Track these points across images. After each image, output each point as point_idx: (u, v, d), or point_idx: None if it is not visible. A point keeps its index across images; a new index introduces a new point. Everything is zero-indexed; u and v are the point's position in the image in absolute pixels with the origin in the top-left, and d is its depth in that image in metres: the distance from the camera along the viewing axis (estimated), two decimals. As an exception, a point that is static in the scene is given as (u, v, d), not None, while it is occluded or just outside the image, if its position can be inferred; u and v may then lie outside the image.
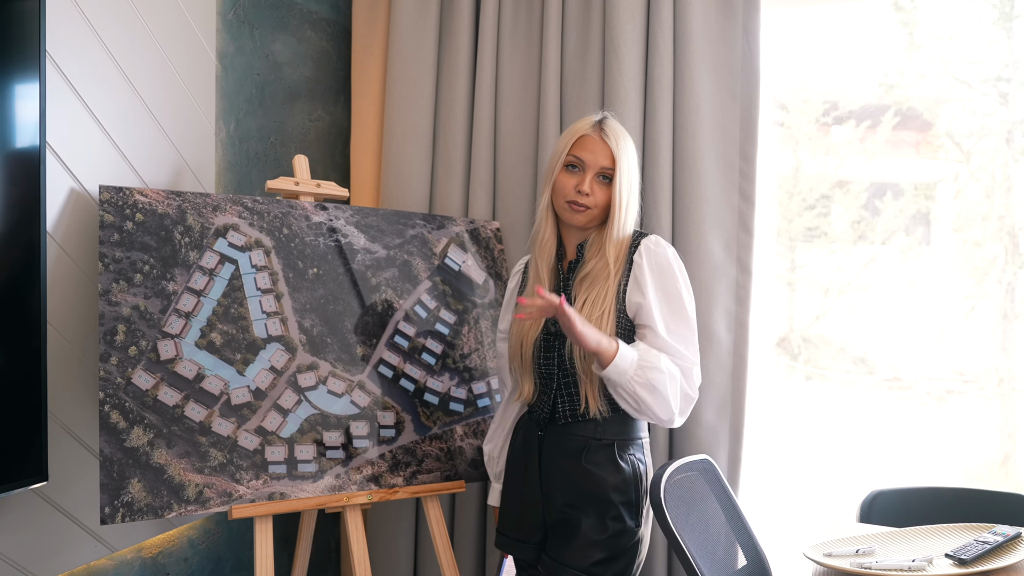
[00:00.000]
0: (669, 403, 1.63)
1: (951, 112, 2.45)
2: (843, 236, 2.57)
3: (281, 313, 1.87)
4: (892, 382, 2.55)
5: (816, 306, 2.60)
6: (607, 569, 1.67)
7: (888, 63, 2.48)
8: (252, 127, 2.25)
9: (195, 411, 1.72)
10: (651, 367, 1.61)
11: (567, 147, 1.73)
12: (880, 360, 2.55)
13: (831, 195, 2.57)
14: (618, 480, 1.69)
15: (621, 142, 1.71)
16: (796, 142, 2.58)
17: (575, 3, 2.24)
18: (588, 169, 1.70)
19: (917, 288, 2.48)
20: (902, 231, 2.50)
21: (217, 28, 2.12)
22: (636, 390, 1.61)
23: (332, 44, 2.54)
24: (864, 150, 2.53)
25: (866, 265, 2.53)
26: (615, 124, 1.74)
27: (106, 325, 1.67)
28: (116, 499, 1.61)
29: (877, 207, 2.52)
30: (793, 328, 2.62)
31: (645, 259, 1.70)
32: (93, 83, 1.77)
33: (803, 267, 2.61)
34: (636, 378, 1.61)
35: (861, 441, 2.53)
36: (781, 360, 2.59)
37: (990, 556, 1.57)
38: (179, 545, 2.08)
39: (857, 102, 2.52)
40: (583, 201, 1.69)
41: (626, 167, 1.70)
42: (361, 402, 1.92)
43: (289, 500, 1.76)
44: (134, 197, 1.76)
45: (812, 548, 1.61)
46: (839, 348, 2.61)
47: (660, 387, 1.61)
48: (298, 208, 1.96)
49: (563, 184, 1.72)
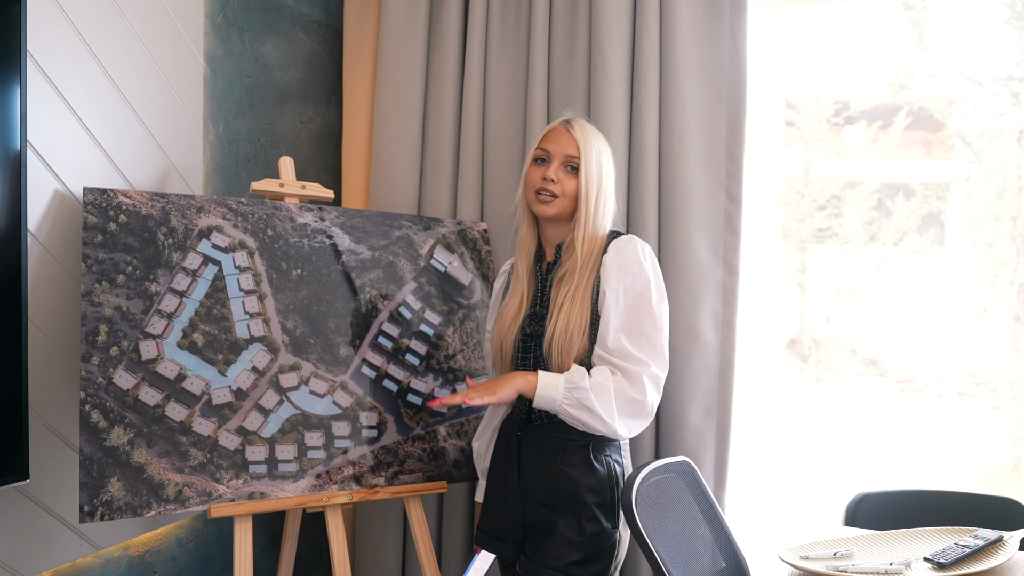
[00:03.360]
0: (602, 417, 1.64)
1: (962, 112, 2.43)
2: (854, 237, 2.55)
3: (264, 314, 1.88)
4: (903, 384, 2.53)
5: (827, 307, 2.58)
6: (584, 570, 1.68)
7: (898, 63, 2.46)
8: (242, 129, 2.27)
9: (176, 411, 1.74)
10: (575, 387, 1.64)
11: (537, 143, 1.79)
12: (891, 362, 2.53)
13: (842, 196, 2.56)
14: (592, 481, 1.70)
15: (587, 134, 1.75)
16: (807, 143, 2.57)
17: (562, 5, 2.24)
18: (554, 158, 1.74)
19: (929, 289, 2.46)
20: (914, 232, 2.47)
21: (205, 31, 2.14)
22: (570, 411, 1.65)
23: (324, 46, 2.55)
24: (875, 151, 2.51)
25: (877, 266, 2.51)
26: (584, 123, 1.78)
27: (88, 325, 1.68)
28: (95, 497, 1.62)
29: (889, 208, 2.50)
30: (803, 330, 2.61)
31: (612, 256, 1.71)
32: (78, 86, 1.79)
33: (813, 268, 2.59)
34: (566, 400, 1.64)
35: (870, 444, 2.51)
36: (791, 362, 2.57)
37: (969, 560, 1.55)
38: (166, 544, 2.10)
39: (868, 102, 2.50)
40: (549, 187, 1.72)
41: (593, 157, 1.73)
42: (343, 403, 1.93)
43: (269, 500, 1.77)
44: (118, 199, 1.77)
45: (788, 551, 1.60)
46: (850, 350, 2.59)
47: (588, 404, 1.63)
48: (283, 209, 1.97)
49: (531, 176, 1.76)
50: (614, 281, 1.69)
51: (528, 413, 1.76)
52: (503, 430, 1.84)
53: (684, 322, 2.07)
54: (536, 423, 1.75)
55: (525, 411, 1.76)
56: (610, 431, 1.66)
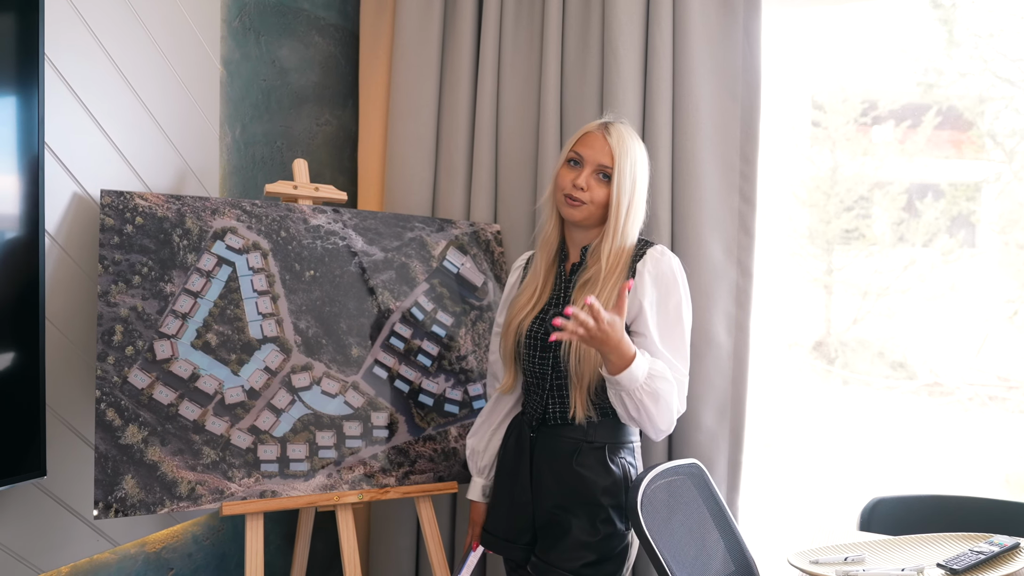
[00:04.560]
0: (672, 413, 1.63)
1: (993, 111, 2.39)
2: (882, 238, 2.51)
3: (277, 314, 1.90)
4: (932, 388, 2.49)
5: (854, 310, 2.55)
6: (597, 571, 1.68)
7: (927, 62, 2.42)
8: (258, 132, 2.30)
9: (189, 410, 1.76)
10: (660, 376, 1.60)
11: (572, 143, 1.76)
12: (920, 365, 2.50)
13: (869, 196, 2.52)
14: (608, 483, 1.69)
15: (624, 143, 1.71)
16: (833, 143, 2.54)
17: (575, 8, 2.24)
18: (587, 164, 1.72)
19: (958, 291, 2.42)
20: (944, 233, 2.43)
21: (222, 35, 2.17)
22: (643, 398, 1.58)
23: (340, 49, 2.58)
24: (903, 151, 2.48)
25: (906, 268, 2.48)
26: (623, 128, 1.74)
27: (104, 325, 1.71)
28: (110, 494, 1.65)
29: (918, 208, 2.46)
30: (830, 332, 2.58)
31: (648, 267, 1.70)
32: (96, 90, 1.82)
33: (840, 270, 2.56)
34: (645, 387, 1.58)
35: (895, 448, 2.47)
36: (817, 365, 2.55)
37: (984, 567, 1.52)
38: (183, 541, 2.13)
39: (896, 101, 2.47)
40: (578, 195, 1.71)
41: (627, 168, 1.70)
42: (355, 403, 1.94)
43: (280, 498, 1.79)
44: (134, 201, 1.80)
45: (798, 555, 1.59)
46: (877, 352, 2.56)
47: (666, 397, 1.60)
48: (296, 211, 1.99)
49: (563, 178, 1.74)
50: (653, 291, 1.69)
51: (543, 414, 1.75)
52: (513, 430, 1.84)
53: (697, 324, 2.05)
54: (550, 424, 1.74)
55: (540, 411, 1.76)
56: (666, 427, 1.64)
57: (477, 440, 1.92)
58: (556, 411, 1.73)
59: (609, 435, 1.71)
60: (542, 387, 1.75)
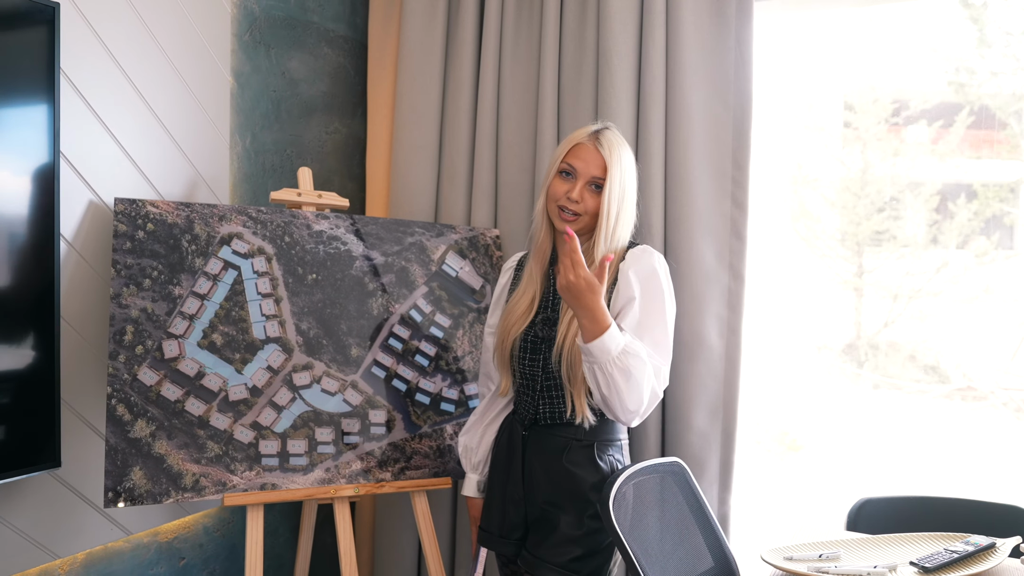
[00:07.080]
0: (642, 393, 1.62)
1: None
2: (913, 240, 2.49)
3: (280, 316, 1.99)
4: (965, 392, 2.48)
5: (884, 312, 2.55)
6: (584, 565, 1.73)
7: (958, 61, 2.41)
8: (268, 140, 2.40)
9: (195, 406, 1.86)
10: (634, 354, 1.61)
11: (562, 154, 1.79)
12: (952, 369, 2.49)
13: (900, 198, 2.51)
14: (596, 479, 1.74)
15: (615, 153, 1.75)
16: (864, 143, 2.54)
17: (572, 16, 2.30)
18: (579, 177, 1.75)
19: (993, 293, 2.40)
20: (979, 234, 2.41)
21: (232, 49, 2.27)
22: (614, 372, 1.59)
23: (349, 60, 2.67)
24: (934, 151, 2.46)
25: (938, 270, 2.46)
26: (612, 136, 1.77)
27: (116, 326, 1.82)
28: (119, 484, 1.75)
29: (950, 210, 2.45)
30: (860, 335, 2.58)
31: (630, 265, 1.75)
32: (110, 103, 1.93)
33: (871, 272, 2.55)
34: (617, 361, 1.59)
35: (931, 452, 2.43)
36: (847, 367, 2.55)
37: (957, 565, 1.55)
38: (194, 531, 2.23)
39: (928, 101, 2.44)
40: (572, 208, 1.75)
41: (617, 178, 1.74)
42: (353, 401, 2.03)
43: (280, 491, 1.88)
44: (146, 208, 1.91)
45: (772, 552, 1.63)
46: (909, 356, 2.55)
47: (637, 375, 1.60)
48: (300, 217, 2.08)
49: (555, 190, 1.78)
50: (634, 285, 1.73)
51: (535, 414, 1.82)
52: (505, 428, 1.90)
53: (689, 326, 2.11)
54: (541, 423, 1.80)
55: (531, 412, 1.82)
56: (635, 408, 1.64)
57: (469, 437, 1.99)
58: (547, 412, 1.79)
59: (598, 433, 1.77)
60: (533, 389, 1.81)
